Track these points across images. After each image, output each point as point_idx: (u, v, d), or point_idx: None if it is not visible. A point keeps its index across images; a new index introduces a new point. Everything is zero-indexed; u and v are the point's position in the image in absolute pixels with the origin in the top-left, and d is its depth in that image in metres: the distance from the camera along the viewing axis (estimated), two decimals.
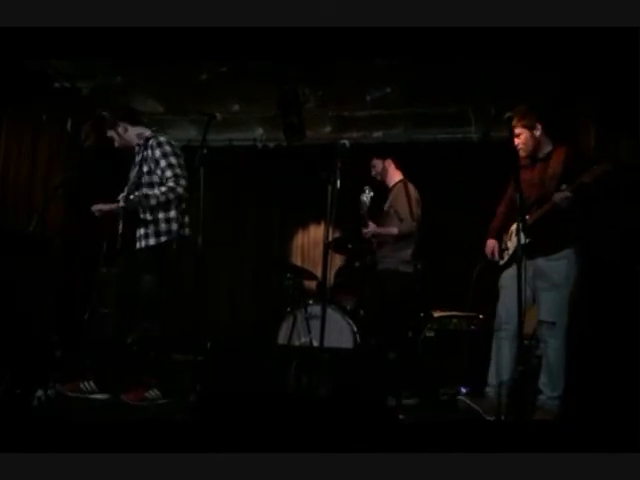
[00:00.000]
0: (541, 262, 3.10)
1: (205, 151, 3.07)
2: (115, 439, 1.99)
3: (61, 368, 3.33)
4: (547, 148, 3.21)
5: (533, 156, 3.23)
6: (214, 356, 3.27)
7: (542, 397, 3.04)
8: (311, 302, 4.36)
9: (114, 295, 3.38)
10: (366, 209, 4.10)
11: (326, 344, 3.13)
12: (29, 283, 3.83)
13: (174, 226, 3.27)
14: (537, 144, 3.20)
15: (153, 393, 3.14)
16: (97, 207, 3.26)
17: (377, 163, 4.39)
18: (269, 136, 6.10)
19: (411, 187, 4.25)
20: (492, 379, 3.18)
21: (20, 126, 4.74)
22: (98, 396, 3.12)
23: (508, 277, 3.19)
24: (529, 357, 3.23)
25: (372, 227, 4.16)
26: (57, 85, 4.95)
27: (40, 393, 2.80)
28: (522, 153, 3.20)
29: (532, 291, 3.14)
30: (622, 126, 3.67)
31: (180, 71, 4.63)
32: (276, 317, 4.60)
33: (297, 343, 4.18)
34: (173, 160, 3.24)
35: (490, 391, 3.16)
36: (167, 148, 3.29)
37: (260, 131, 6.08)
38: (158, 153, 3.27)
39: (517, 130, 3.18)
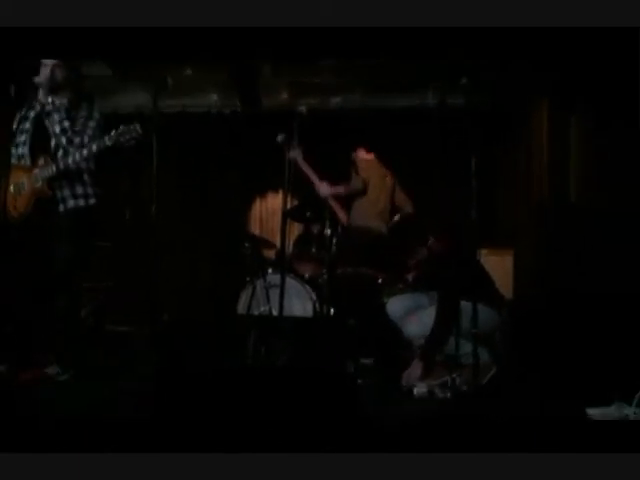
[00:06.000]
0: None
1: (157, 118, 2.98)
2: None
3: (13, 345, 3.23)
4: None
5: None
6: (172, 328, 3.24)
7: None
8: (270, 271, 4.34)
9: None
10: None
11: (286, 313, 3.14)
12: None
13: (98, 190, 3.18)
14: None
15: (53, 369, 2.97)
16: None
17: (353, 157, 4.42)
18: (224, 102, 5.96)
19: (365, 167, 4.32)
20: None
21: None
22: (62, 377, 3.00)
23: None
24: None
25: (325, 188, 4.23)
26: None
27: None
28: None
29: None
30: (622, 126, 3.65)
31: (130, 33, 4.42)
32: (235, 287, 4.57)
33: (256, 312, 4.17)
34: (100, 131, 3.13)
35: None
36: (98, 116, 3.17)
37: (214, 97, 5.93)
38: (92, 123, 3.13)
39: None
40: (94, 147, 2.97)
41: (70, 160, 3.00)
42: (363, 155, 4.41)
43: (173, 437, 1.82)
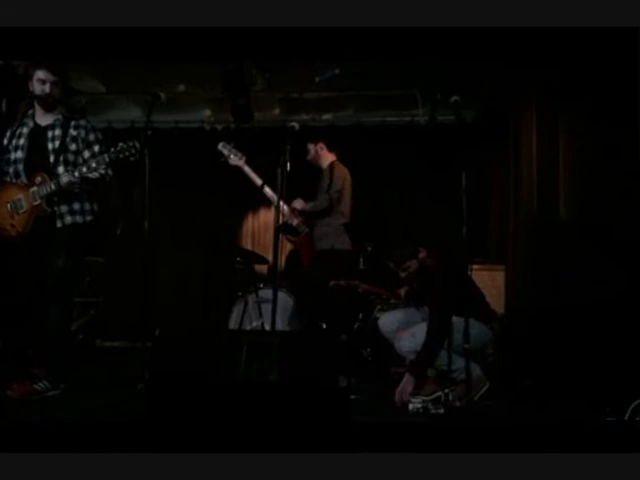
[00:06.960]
0: None
1: (150, 133, 2.99)
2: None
3: (2, 360, 3.19)
4: None
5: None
6: (163, 342, 3.22)
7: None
8: (262, 286, 4.34)
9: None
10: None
11: (278, 328, 3.13)
12: None
13: (95, 206, 3.18)
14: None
15: (42, 385, 2.94)
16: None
17: (310, 148, 4.39)
18: (217, 118, 5.98)
19: (340, 167, 4.28)
20: None
21: None
22: (51, 393, 2.97)
23: None
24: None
25: (300, 203, 4.21)
26: None
27: None
28: None
29: None
30: (622, 126, 3.66)
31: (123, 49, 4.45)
32: (227, 301, 4.56)
33: (248, 327, 4.16)
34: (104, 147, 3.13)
35: None
36: (100, 135, 3.18)
37: (207, 113, 5.96)
38: (92, 137, 3.15)
39: None
40: (94, 164, 2.95)
41: (69, 177, 2.97)
42: (326, 155, 4.34)
43: (166, 450, 1.80)
